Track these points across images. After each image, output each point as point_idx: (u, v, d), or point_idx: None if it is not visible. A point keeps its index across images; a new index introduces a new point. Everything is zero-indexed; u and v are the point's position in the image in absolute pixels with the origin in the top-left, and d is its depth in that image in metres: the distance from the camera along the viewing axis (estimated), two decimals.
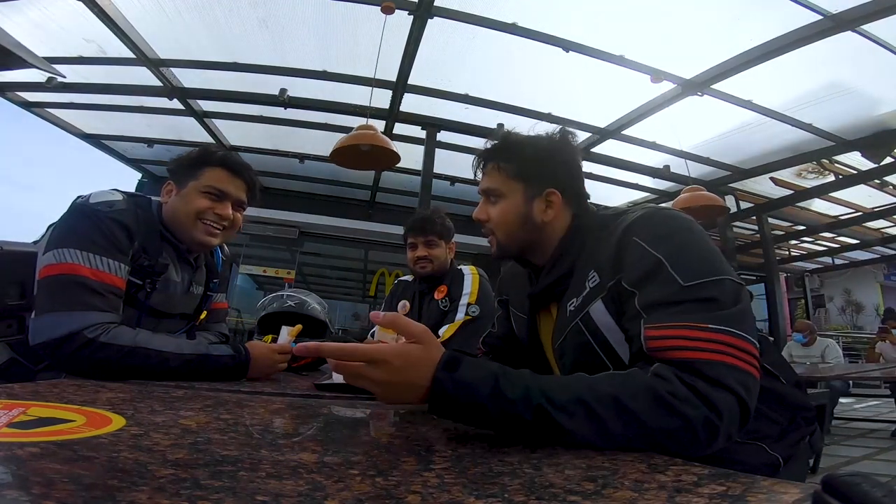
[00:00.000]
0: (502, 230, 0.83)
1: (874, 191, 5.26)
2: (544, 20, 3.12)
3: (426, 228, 1.78)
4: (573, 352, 0.76)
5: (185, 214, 1.07)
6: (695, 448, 0.53)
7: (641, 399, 0.53)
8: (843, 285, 11.26)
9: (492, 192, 0.84)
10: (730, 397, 0.55)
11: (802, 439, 0.75)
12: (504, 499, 0.34)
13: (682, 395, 0.53)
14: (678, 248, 0.65)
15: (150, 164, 6.12)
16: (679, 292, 0.61)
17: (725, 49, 3.21)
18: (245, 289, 7.34)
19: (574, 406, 0.53)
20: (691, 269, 0.62)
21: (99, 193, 1.00)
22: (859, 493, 0.26)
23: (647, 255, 0.65)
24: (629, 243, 0.68)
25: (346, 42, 3.45)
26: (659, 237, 0.66)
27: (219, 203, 1.09)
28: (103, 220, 0.94)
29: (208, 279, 1.23)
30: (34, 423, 0.45)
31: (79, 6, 3.03)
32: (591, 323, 0.71)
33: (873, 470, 2.50)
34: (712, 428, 0.53)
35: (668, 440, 0.53)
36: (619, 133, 4.32)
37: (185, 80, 4.03)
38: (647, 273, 0.64)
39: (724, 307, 0.60)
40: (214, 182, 1.08)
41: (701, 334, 0.57)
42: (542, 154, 0.83)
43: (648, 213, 0.71)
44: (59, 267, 0.89)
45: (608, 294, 0.69)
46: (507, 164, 0.83)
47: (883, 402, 5.60)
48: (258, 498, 0.31)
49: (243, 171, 1.13)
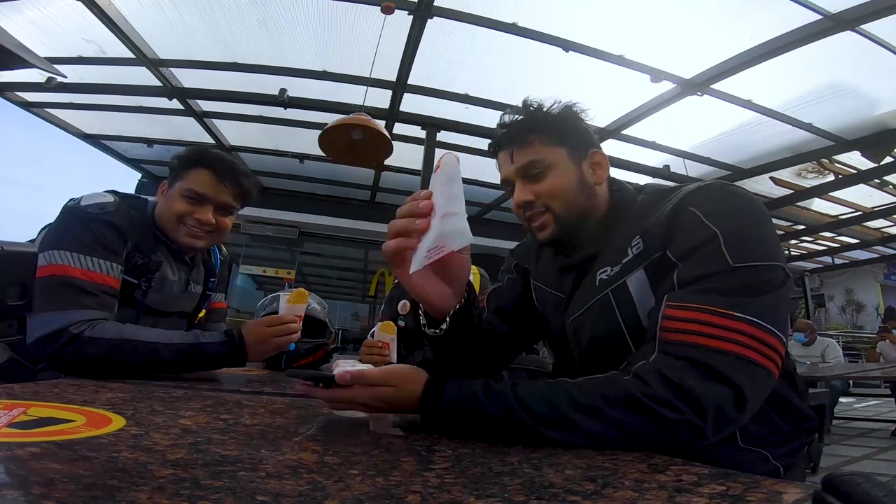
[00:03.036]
0: (560, 201, 0.75)
1: (874, 190, 5.26)
2: (544, 20, 3.12)
3: None
4: (593, 327, 0.72)
5: (167, 217, 1.06)
6: (680, 446, 0.53)
7: (620, 406, 0.53)
8: (844, 285, 11.26)
9: (535, 165, 0.75)
10: (724, 391, 0.53)
11: (801, 449, 0.73)
12: (504, 499, 0.34)
13: (661, 398, 0.52)
14: (737, 225, 0.60)
15: (150, 164, 6.12)
16: (724, 271, 0.57)
17: (725, 49, 3.21)
18: (245, 289, 7.34)
19: (554, 417, 0.53)
20: (746, 250, 0.57)
21: (90, 196, 1.00)
22: (860, 492, 0.26)
23: (702, 226, 0.60)
24: (684, 212, 0.63)
25: (346, 42, 3.45)
26: (719, 210, 0.61)
27: (199, 207, 1.06)
28: (94, 222, 0.95)
29: (206, 278, 1.23)
30: (34, 423, 0.45)
31: (79, 6, 3.02)
32: (626, 294, 0.67)
33: (873, 470, 2.50)
34: (694, 429, 0.52)
35: (651, 441, 0.53)
36: (619, 133, 4.32)
37: (185, 81, 4.03)
38: (697, 246, 0.60)
39: (761, 294, 0.56)
40: (195, 185, 1.05)
41: (723, 321, 0.54)
42: (573, 115, 0.78)
43: (712, 185, 0.66)
44: (50, 268, 0.90)
45: (651, 264, 0.65)
46: (542, 132, 0.76)
47: (883, 401, 5.60)
48: (258, 498, 0.31)
49: (229, 174, 1.08)
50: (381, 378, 0.59)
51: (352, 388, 0.58)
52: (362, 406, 0.60)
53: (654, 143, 4.49)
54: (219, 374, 1.09)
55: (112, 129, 5.10)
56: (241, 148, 5.30)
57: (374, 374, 0.59)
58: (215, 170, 1.07)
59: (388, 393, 0.58)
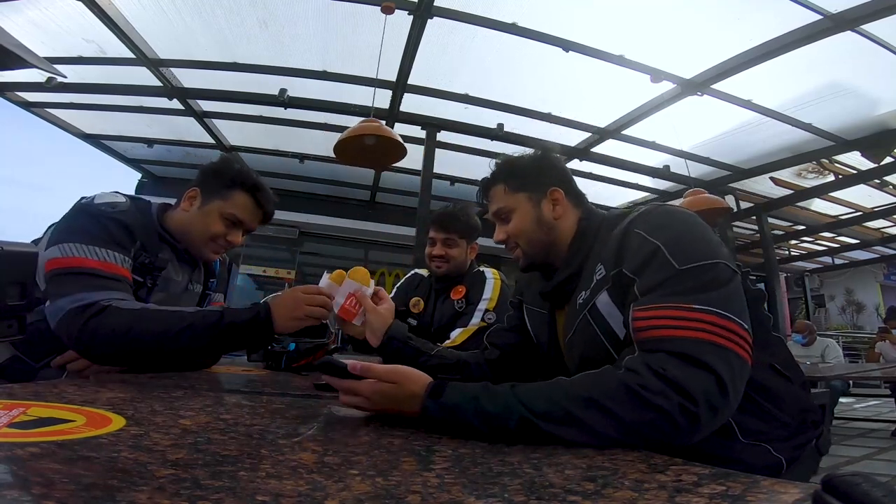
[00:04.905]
0: (523, 239, 0.89)
1: (874, 191, 5.26)
2: (544, 20, 3.12)
3: (447, 225, 1.69)
4: (581, 344, 0.79)
5: (200, 233, 1.09)
6: (679, 436, 0.55)
7: (616, 397, 0.55)
8: (843, 285, 11.26)
9: (501, 211, 0.91)
10: (705, 376, 0.56)
11: (808, 443, 0.75)
12: (504, 499, 0.34)
13: (654, 387, 0.55)
14: (675, 235, 0.67)
15: (150, 164, 6.12)
16: (673, 275, 0.63)
17: (725, 49, 3.21)
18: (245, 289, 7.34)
19: (553, 412, 0.55)
20: (686, 254, 0.65)
21: (103, 195, 1.03)
22: (859, 492, 0.26)
23: (646, 242, 0.68)
24: (630, 234, 0.71)
25: (346, 42, 3.45)
26: (658, 226, 0.70)
27: (233, 230, 1.11)
28: (106, 219, 0.97)
29: (206, 278, 1.24)
30: (34, 423, 0.45)
31: (79, 6, 3.03)
32: (598, 313, 0.75)
33: (873, 470, 2.50)
34: (689, 414, 0.54)
35: (650, 432, 0.54)
36: (619, 133, 4.32)
37: (185, 81, 4.03)
38: (646, 259, 0.67)
39: (712, 289, 0.61)
40: (238, 211, 1.10)
41: (686, 314, 0.59)
42: (531, 162, 0.92)
43: (649, 209, 0.75)
44: (68, 261, 0.91)
45: (612, 284, 0.72)
46: (505, 182, 0.91)
47: (883, 402, 5.60)
48: (258, 498, 0.31)
49: (268, 205, 1.15)
50: (387, 374, 0.61)
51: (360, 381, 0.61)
52: (365, 400, 0.62)
53: (654, 144, 4.49)
54: (219, 374, 1.09)
55: (112, 129, 5.10)
56: (242, 148, 5.30)
57: (381, 370, 0.62)
58: (257, 198, 1.13)
59: (391, 390, 0.61)
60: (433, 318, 1.75)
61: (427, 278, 1.88)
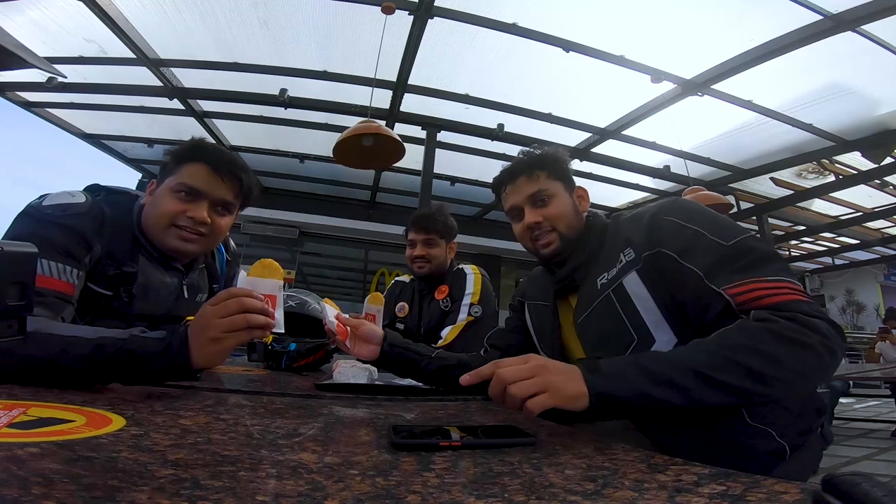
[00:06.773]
0: (564, 222, 0.93)
1: (874, 191, 5.26)
2: (544, 20, 3.12)
3: (427, 226, 1.73)
4: (599, 323, 0.84)
5: (155, 218, 0.94)
6: (824, 370, 0.62)
7: (766, 340, 0.60)
8: (844, 285, 11.25)
9: (541, 193, 0.94)
10: (821, 322, 0.63)
11: (812, 430, 0.77)
12: (504, 499, 0.34)
13: (794, 329, 0.61)
14: (709, 220, 0.77)
15: (150, 164, 6.11)
16: (727, 251, 0.72)
17: (725, 49, 3.21)
18: None
19: (721, 362, 0.59)
20: (725, 233, 0.74)
21: (56, 195, 0.90)
22: (859, 492, 0.26)
23: (685, 228, 0.76)
24: (663, 221, 0.79)
25: (347, 42, 3.45)
26: (689, 214, 0.78)
27: (192, 204, 0.93)
28: (49, 225, 0.85)
29: (211, 284, 1.16)
30: (34, 423, 0.45)
31: (79, 6, 3.02)
32: (624, 293, 0.80)
33: (873, 470, 2.50)
34: (828, 347, 0.61)
35: (804, 368, 0.60)
36: (620, 133, 4.32)
37: (185, 80, 4.03)
38: (690, 243, 0.75)
39: (765, 261, 0.70)
40: (188, 179, 0.92)
41: (770, 283, 0.67)
42: (562, 158, 0.98)
43: (672, 200, 0.84)
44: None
45: (643, 265, 0.79)
46: (549, 168, 0.96)
47: (883, 402, 5.59)
48: (258, 498, 0.31)
49: (227, 167, 0.95)
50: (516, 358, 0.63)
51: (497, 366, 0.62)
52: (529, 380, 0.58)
53: (654, 144, 4.49)
54: (219, 374, 1.09)
55: (112, 128, 5.10)
56: (242, 148, 5.30)
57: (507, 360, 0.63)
58: (211, 162, 0.95)
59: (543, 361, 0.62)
60: (421, 321, 1.77)
61: (409, 283, 1.91)
